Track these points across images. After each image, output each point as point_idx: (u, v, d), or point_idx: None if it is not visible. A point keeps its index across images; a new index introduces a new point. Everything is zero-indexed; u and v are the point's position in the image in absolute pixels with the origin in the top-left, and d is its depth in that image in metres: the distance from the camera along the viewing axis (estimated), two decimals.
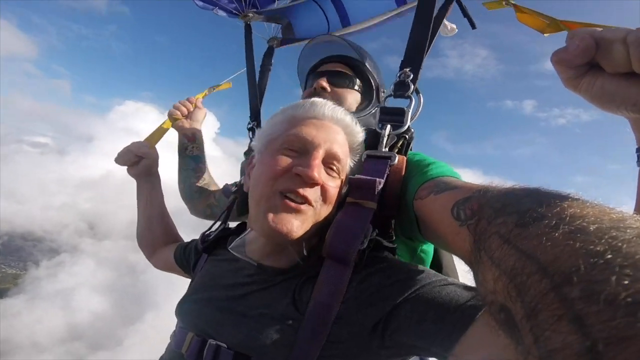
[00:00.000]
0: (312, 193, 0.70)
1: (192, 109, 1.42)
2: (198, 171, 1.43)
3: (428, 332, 0.58)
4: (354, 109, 1.07)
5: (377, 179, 0.72)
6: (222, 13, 1.63)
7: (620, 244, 0.30)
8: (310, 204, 0.70)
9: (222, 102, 53.36)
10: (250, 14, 1.52)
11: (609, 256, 0.29)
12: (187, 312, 0.80)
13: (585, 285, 0.29)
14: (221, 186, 1.40)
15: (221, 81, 1.53)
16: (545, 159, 67.12)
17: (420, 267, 0.70)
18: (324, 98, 0.99)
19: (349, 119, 0.81)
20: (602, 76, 0.45)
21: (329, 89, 1.06)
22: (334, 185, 0.74)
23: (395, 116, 0.86)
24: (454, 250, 0.62)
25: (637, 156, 0.49)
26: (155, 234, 1.25)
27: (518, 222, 0.41)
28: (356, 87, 1.09)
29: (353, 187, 0.74)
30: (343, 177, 0.78)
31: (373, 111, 1.08)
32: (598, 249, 0.31)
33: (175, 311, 0.84)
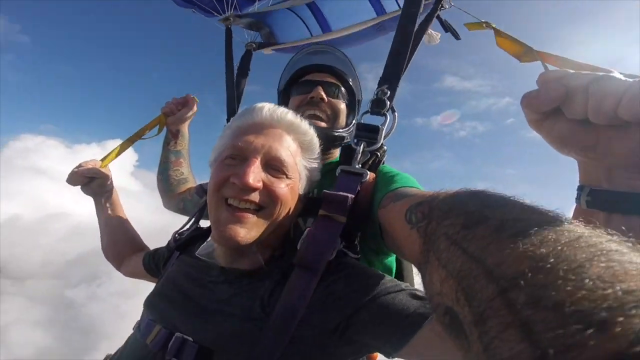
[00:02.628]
0: (255, 197, 0.73)
1: (181, 107, 1.46)
2: (177, 165, 1.47)
3: (382, 334, 0.64)
4: (344, 123, 1.11)
5: (349, 196, 0.76)
6: (201, 12, 1.64)
7: (560, 247, 0.30)
8: (260, 207, 0.74)
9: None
10: (231, 18, 1.53)
11: (552, 260, 0.29)
12: (156, 305, 0.83)
13: (531, 291, 0.29)
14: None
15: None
16: (452, 170, 68.20)
17: (379, 273, 0.74)
18: (321, 109, 1.06)
19: (290, 117, 0.83)
20: (561, 120, 0.47)
21: (327, 99, 1.07)
22: (282, 186, 0.76)
23: (370, 133, 0.90)
24: (406, 253, 0.65)
25: (577, 194, 0.52)
26: (120, 245, 1.28)
27: (464, 223, 0.42)
28: (345, 102, 1.12)
29: (326, 201, 0.77)
30: (294, 175, 0.80)
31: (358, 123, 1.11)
32: (541, 251, 0.31)
33: (144, 303, 0.86)
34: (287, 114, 0.83)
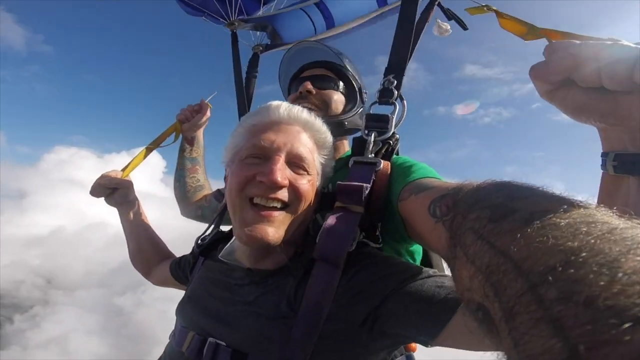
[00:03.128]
0: (282, 194, 0.73)
1: (195, 114, 1.46)
2: (193, 172, 1.47)
3: (414, 323, 0.63)
4: (340, 109, 1.10)
5: (364, 185, 0.75)
6: (210, 20, 1.66)
7: (593, 240, 0.29)
8: (285, 204, 0.74)
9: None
10: (237, 22, 1.54)
11: (584, 253, 0.28)
12: (187, 311, 0.84)
13: (562, 285, 0.28)
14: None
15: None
16: (478, 157, 70.24)
17: (402, 260, 0.73)
18: (310, 101, 1.07)
19: (305, 115, 0.84)
20: (574, 89, 0.46)
21: (314, 91, 1.08)
22: (304, 182, 0.77)
23: (380, 122, 0.89)
24: (432, 247, 0.65)
25: (602, 160, 0.51)
26: (147, 254, 1.29)
27: (491, 217, 0.41)
28: (340, 90, 1.12)
29: (341, 192, 0.77)
30: (313, 172, 0.81)
31: (359, 111, 1.12)
32: (573, 245, 0.30)
33: (176, 311, 0.88)
34: (303, 112, 0.84)
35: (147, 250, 1.29)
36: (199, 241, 1.01)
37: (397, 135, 0.89)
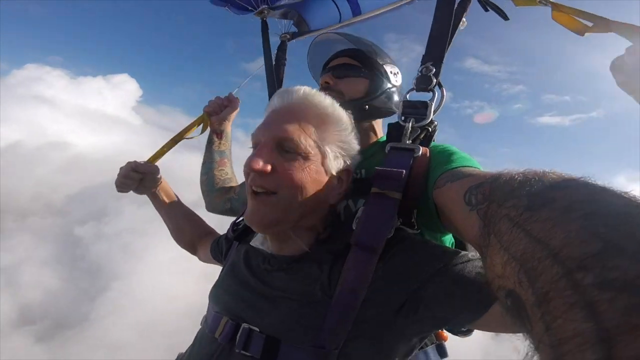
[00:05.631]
0: (268, 181, 0.73)
1: (224, 107, 1.48)
2: (221, 165, 1.50)
3: (454, 308, 0.62)
4: (360, 94, 1.10)
5: (403, 170, 0.75)
6: (235, 10, 1.68)
7: (633, 230, 0.30)
8: (274, 192, 0.74)
9: (147, 69, 45.94)
10: (265, 10, 1.57)
11: (622, 242, 0.29)
12: (220, 297, 0.85)
13: (598, 272, 0.28)
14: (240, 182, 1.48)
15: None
16: (450, 143, 63.70)
17: (440, 244, 0.73)
18: (330, 91, 1.07)
19: (302, 93, 0.82)
20: None
21: (331, 82, 1.11)
22: (293, 166, 0.74)
23: (418, 109, 0.89)
24: (465, 235, 0.64)
25: None
26: (187, 233, 1.32)
27: (528, 205, 0.41)
28: (362, 75, 1.13)
29: (378, 178, 0.77)
30: (314, 152, 0.76)
31: (387, 92, 1.13)
32: (611, 233, 0.30)
33: (210, 295, 0.89)
34: (300, 90, 0.82)
35: (186, 230, 1.32)
36: (234, 226, 1.02)
37: (436, 122, 0.88)
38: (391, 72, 1.18)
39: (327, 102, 0.83)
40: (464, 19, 1.27)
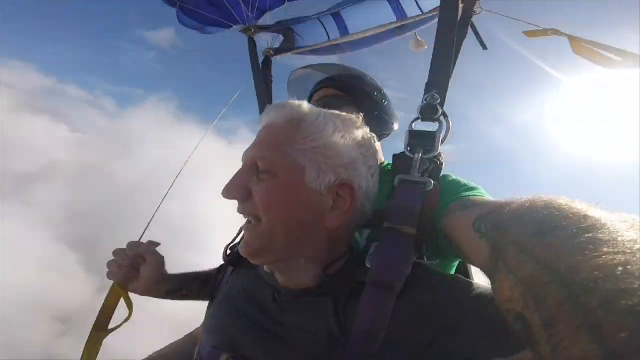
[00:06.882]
0: (248, 208, 0.70)
1: (137, 264, 1.02)
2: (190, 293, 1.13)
3: (493, 345, 0.56)
4: None
5: (417, 205, 0.72)
6: (211, 30, 1.64)
7: (638, 255, 0.31)
8: (256, 218, 0.70)
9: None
10: (253, 29, 1.53)
11: (629, 267, 0.30)
12: (218, 330, 0.78)
13: (604, 295, 0.29)
14: None
15: None
16: None
17: (465, 279, 0.70)
18: None
19: (276, 105, 0.77)
20: None
21: None
22: (267, 188, 0.68)
23: (425, 140, 0.85)
24: (474, 262, 0.63)
25: None
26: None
27: (535, 231, 0.42)
28: (347, 103, 1.13)
29: (391, 213, 0.73)
30: (280, 168, 0.68)
31: (377, 114, 1.14)
32: (617, 260, 0.31)
33: (203, 327, 0.81)
34: (279, 105, 0.77)
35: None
36: (229, 249, 0.93)
37: (443, 154, 0.86)
38: (378, 95, 1.18)
39: (295, 106, 0.74)
40: (425, 44, 1.31)
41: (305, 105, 0.76)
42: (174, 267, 1.06)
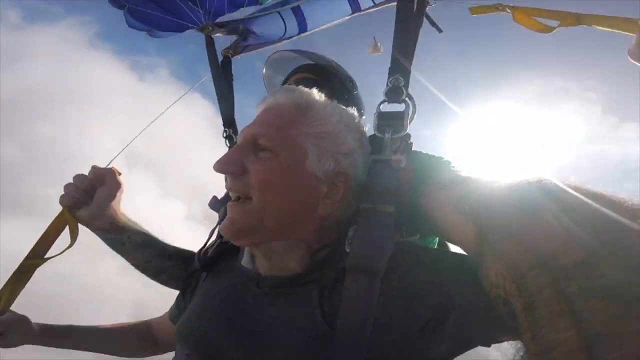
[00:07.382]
0: (241, 185, 0.68)
1: (92, 189, 0.99)
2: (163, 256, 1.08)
3: (491, 325, 0.55)
4: None
5: (393, 182, 0.71)
6: (161, 34, 1.57)
7: (618, 239, 0.31)
8: (245, 196, 0.68)
9: None
10: (210, 27, 1.48)
11: (608, 250, 0.30)
12: (194, 336, 0.74)
13: (582, 281, 0.29)
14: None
15: None
16: None
17: (458, 253, 0.68)
18: None
19: (290, 88, 0.77)
20: None
21: None
22: (266, 166, 0.67)
23: (394, 120, 0.86)
24: (457, 242, 0.63)
25: None
26: (131, 345, 1.15)
27: (517, 214, 0.42)
28: (322, 88, 1.15)
29: (367, 193, 0.71)
30: (283, 148, 0.68)
31: (349, 99, 1.19)
32: (595, 243, 0.31)
33: (177, 336, 0.77)
34: (286, 88, 0.79)
35: (125, 345, 1.13)
36: (201, 254, 0.89)
37: (410, 133, 0.87)
38: (350, 83, 1.25)
39: (313, 95, 0.76)
40: (382, 48, 1.40)
41: (315, 92, 0.78)
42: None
